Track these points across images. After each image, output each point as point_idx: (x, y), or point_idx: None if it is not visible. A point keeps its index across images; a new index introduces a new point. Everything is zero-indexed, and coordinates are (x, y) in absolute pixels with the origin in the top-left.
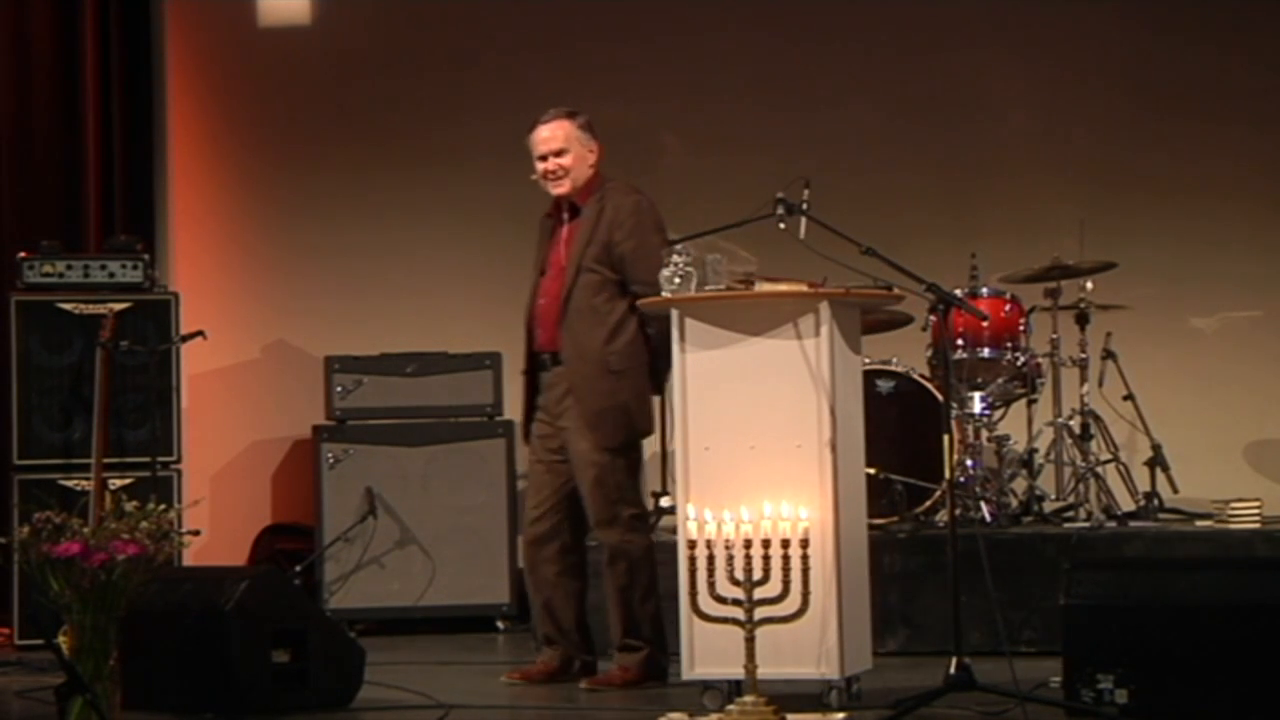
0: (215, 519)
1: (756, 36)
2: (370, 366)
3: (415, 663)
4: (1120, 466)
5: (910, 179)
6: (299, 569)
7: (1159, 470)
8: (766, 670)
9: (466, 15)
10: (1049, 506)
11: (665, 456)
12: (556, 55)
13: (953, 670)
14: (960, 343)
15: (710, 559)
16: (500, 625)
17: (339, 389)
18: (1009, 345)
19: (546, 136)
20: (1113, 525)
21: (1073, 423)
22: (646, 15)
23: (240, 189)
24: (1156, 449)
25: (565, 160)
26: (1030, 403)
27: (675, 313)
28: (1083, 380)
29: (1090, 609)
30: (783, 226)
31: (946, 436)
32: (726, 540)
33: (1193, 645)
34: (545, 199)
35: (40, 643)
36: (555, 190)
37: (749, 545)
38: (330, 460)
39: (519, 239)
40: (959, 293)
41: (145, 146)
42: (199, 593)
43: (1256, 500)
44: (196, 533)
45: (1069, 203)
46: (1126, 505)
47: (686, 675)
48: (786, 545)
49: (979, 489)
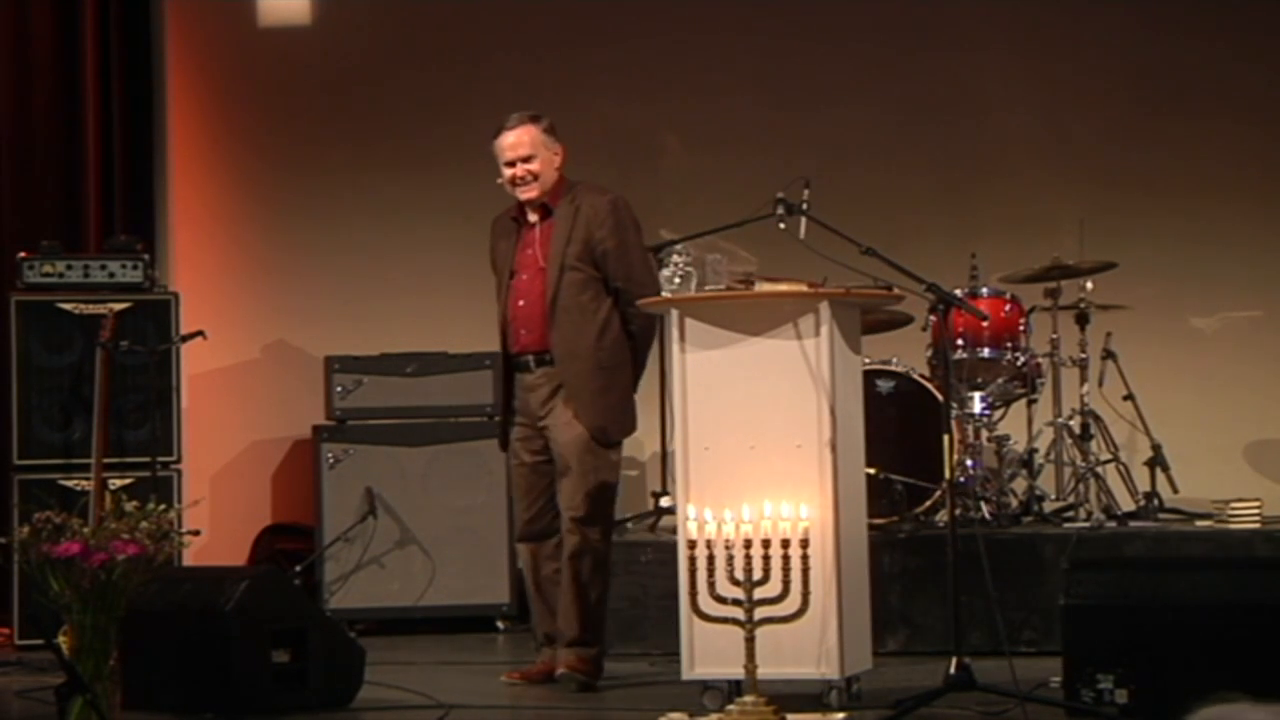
0: (215, 519)
1: (757, 36)
2: (370, 366)
3: (415, 663)
4: (1120, 466)
5: (910, 179)
6: (299, 569)
7: (1159, 470)
8: (766, 670)
9: (466, 15)
10: (1049, 506)
11: (665, 456)
12: (556, 55)
13: (953, 670)
14: (960, 343)
15: (710, 559)
16: (500, 625)
17: (339, 389)
18: (1009, 345)
19: (513, 143)
20: (1113, 525)
21: (1073, 423)
22: (646, 15)
23: (240, 189)
24: (1156, 449)
25: (533, 166)
26: (1030, 403)
27: (675, 313)
28: (1083, 380)
29: (1090, 609)
30: (783, 226)
31: (946, 436)
32: (726, 540)
33: (1193, 645)
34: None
35: (40, 643)
36: (524, 195)
37: (749, 545)
38: (330, 460)
39: None
40: (959, 293)
41: (145, 146)
42: (199, 593)
43: (1256, 500)
44: (196, 533)
45: (1069, 203)
46: (1126, 505)
47: (686, 675)
48: (786, 545)
49: (979, 489)
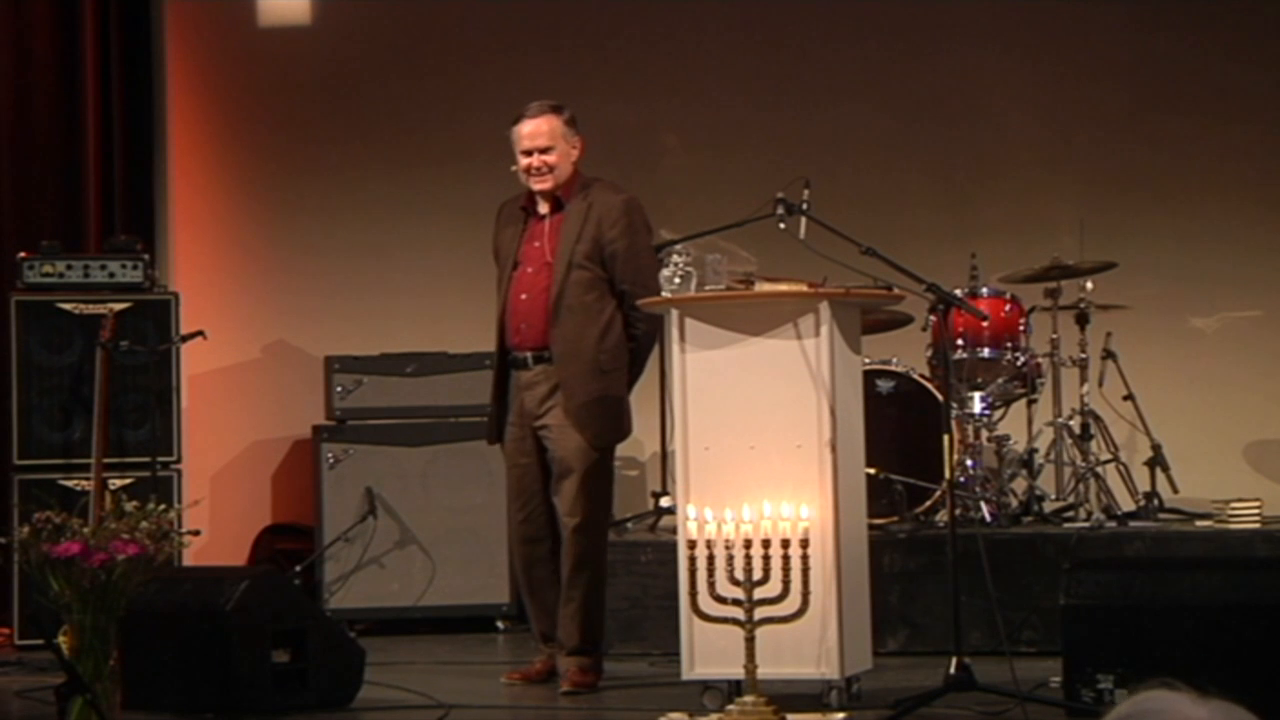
0: (215, 519)
1: (757, 36)
2: (370, 366)
3: (415, 663)
4: (1120, 466)
5: (910, 179)
6: (299, 569)
7: (1159, 470)
8: (766, 670)
9: (466, 15)
10: (1049, 506)
11: (665, 456)
12: (556, 55)
13: (953, 670)
14: (960, 343)
15: (710, 559)
16: (500, 625)
17: (339, 389)
18: (1009, 345)
19: (532, 131)
20: (1113, 525)
21: (1073, 423)
22: (646, 15)
23: (240, 189)
24: (1156, 449)
25: (551, 157)
26: (1030, 403)
27: (675, 313)
28: (1083, 380)
29: (1090, 609)
30: (783, 226)
31: (946, 436)
32: (726, 540)
33: (1193, 645)
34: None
35: (40, 643)
36: (538, 186)
37: (749, 545)
38: (330, 460)
39: None
40: (959, 293)
41: (145, 146)
42: (199, 593)
43: (1256, 500)
44: (196, 533)
45: (1069, 203)
46: (1126, 505)
47: (686, 675)
48: (786, 545)
49: (979, 489)
